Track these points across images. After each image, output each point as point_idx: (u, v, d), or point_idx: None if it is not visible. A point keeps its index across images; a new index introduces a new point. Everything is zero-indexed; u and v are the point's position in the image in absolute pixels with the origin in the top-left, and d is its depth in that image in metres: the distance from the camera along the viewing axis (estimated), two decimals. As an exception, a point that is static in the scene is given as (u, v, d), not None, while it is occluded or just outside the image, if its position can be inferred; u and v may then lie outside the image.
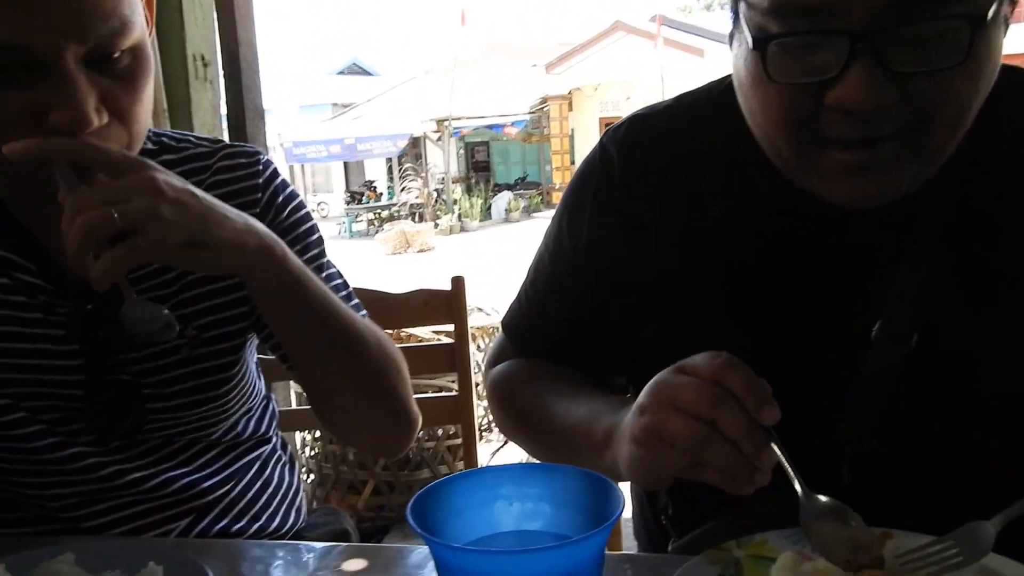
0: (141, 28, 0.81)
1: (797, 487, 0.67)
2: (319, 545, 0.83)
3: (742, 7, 0.71)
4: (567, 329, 0.97)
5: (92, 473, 0.93)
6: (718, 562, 0.70)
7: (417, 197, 20.87)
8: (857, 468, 0.80)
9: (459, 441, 3.11)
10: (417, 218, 19.78)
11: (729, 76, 0.91)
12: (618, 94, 22.61)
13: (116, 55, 0.79)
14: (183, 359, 0.94)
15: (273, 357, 1.04)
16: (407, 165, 22.98)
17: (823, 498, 0.67)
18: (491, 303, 4.49)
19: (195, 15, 1.76)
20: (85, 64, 0.76)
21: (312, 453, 3.11)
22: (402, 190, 21.74)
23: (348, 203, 22.69)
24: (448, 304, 1.44)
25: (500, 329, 1.07)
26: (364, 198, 22.89)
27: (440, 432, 3.04)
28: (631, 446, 0.72)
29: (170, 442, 0.98)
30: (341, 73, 33.15)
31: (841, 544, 0.64)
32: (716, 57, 19.74)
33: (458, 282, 1.44)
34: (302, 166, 23.01)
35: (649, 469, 0.72)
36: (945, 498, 0.77)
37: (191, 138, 1.01)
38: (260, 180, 0.98)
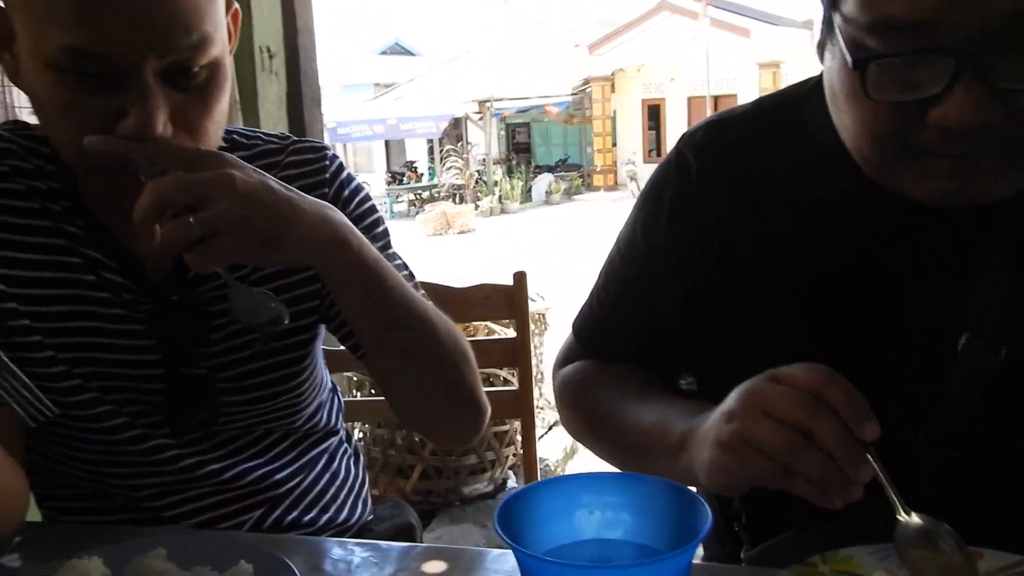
0: (222, 45, 0.82)
1: (896, 505, 0.66)
2: (398, 545, 0.84)
3: (837, 19, 0.69)
4: (639, 333, 0.97)
5: (172, 464, 0.95)
6: (802, 577, 0.70)
7: (457, 178, 20.90)
8: (936, 479, 0.79)
9: (506, 428, 3.14)
10: (458, 199, 19.81)
11: (811, 79, 0.90)
12: (662, 75, 22.37)
13: (194, 70, 0.80)
14: (256, 353, 0.96)
15: (333, 348, 1.05)
16: (448, 146, 23.01)
17: (919, 518, 0.66)
18: (534, 288, 4.49)
19: (262, 7, 1.78)
20: (162, 77, 0.78)
21: (360, 436, 3.16)
22: (446, 170, 21.77)
23: (389, 183, 22.80)
24: (509, 299, 1.45)
25: (570, 330, 1.07)
26: (405, 179, 22.99)
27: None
28: (715, 451, 0.71)
29: (244, 434, 1.00)
30: (383, 53, 33.19)
31: (934, 569, 0.64)
32: (762, 37, 19.42)
33: (520, 277, 1.45)
34: (344, 145, 23.17)
35: (733, 475, 0.71)
36: (987, 503, 0.77)
37: (260, 135, 1.03)
38: (327, 175, 0.99)
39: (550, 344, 4.00)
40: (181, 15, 0.76)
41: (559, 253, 10.81)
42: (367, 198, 1.04)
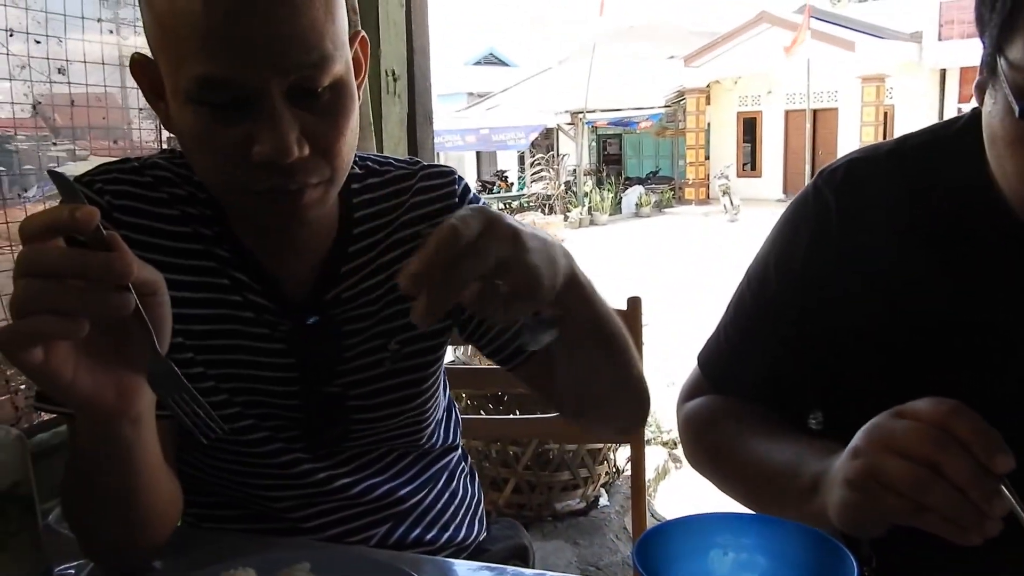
0: (345, 65, 0.84)
1: None
2: (528, 571, 0.86)
3: (1002, 63, 0.68)
4: (768, 369, 0.96)
5: (306, 478, 0.99)
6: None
7: (547, 188, 20.97)
8: None
9: (600, 446, 3.14)
10: (547, 210, 19.88)
11: (959, 118, 0.88)
12: (759, 88, 21.96)
13: (319, 90, 0.81)
14: (386, 372, 1.00)
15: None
16: (538, 156, 23.12)
17: None
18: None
19: (389, 33, 1.84)
20: (288, 98, 0.80)
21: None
22: (534, 180, 21.88)
23: (479, 192, 23.01)
24: (625, 323, 1.45)
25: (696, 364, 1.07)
26: (495, 188, 23.21)
27: (582, 435, 3.07)
28: (844, 490, 0.71)
29: (371, 450, 1.03)
30: (477, 63, 33.64)
31: None
32: (867, 51, 18.83)
33: (635, 303, 1.45)
34: (436, 154, 23.54)
35: (863, 514, 0.70)
36: None
37: (391, 160, 1.06)
38: (456, 199, 1.02)
39: (645, 361, 3.97)
40: (300, 34, 0.78)
41: (650, 267, 10.72)
42: None
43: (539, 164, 21.91)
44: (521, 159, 25.94)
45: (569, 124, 22.72)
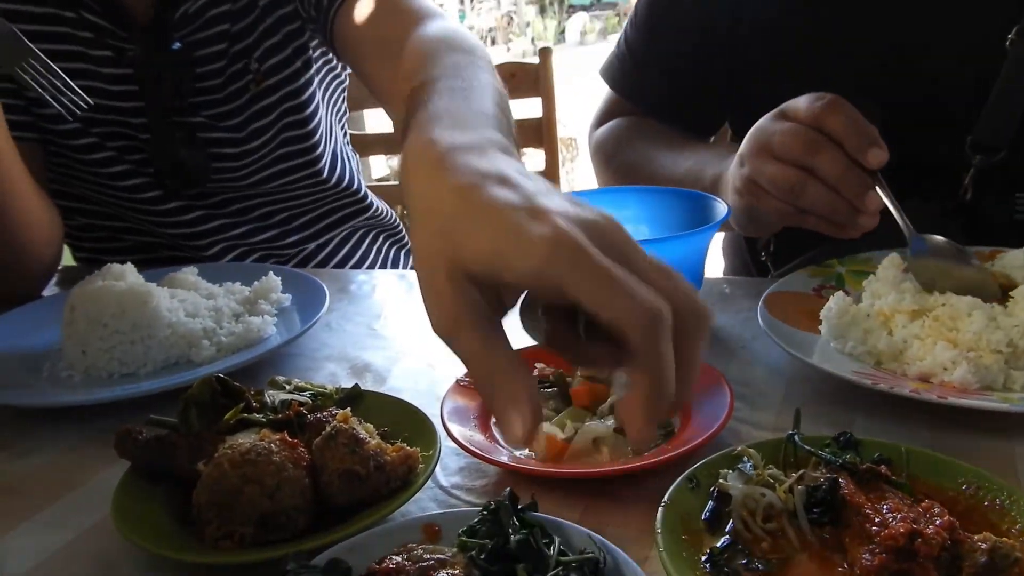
0: None
1: (905, 230, 0.66)
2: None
3: None
4: (671, 80, 0.96)
5: (180, 216, 0.96)
6: (819, 276, 0.71)
7: (487, 20, 20.17)
8: (980, 182, 0.78)
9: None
10: (490, 42, 19.21)
11: None
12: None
13: None
14: (250, 98, 0.93)
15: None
16: (478, -15, 22.08)
17: (934, 237, 0.66)
18: (571, 120, 4.41)
19: None
20: None
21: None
22: (476, 13, 20.99)
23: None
24: (535, 77, 1.41)
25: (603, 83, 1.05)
26: (435, 22, 22.25)
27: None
28: (734, 196, 0.73)
29: (254, 193, 0.99)
30: None
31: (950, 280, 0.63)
32: None
33: (545, 54, 1.41)
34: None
35: (752, 218, 0.73)
36: None
37: None
38: None
39: (580, 170, 3.97)
40: None
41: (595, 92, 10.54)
42: None
43: (479, -6, 20.95)
44: (460, -10, 24.77)
45: (508, -51, 21.56)
